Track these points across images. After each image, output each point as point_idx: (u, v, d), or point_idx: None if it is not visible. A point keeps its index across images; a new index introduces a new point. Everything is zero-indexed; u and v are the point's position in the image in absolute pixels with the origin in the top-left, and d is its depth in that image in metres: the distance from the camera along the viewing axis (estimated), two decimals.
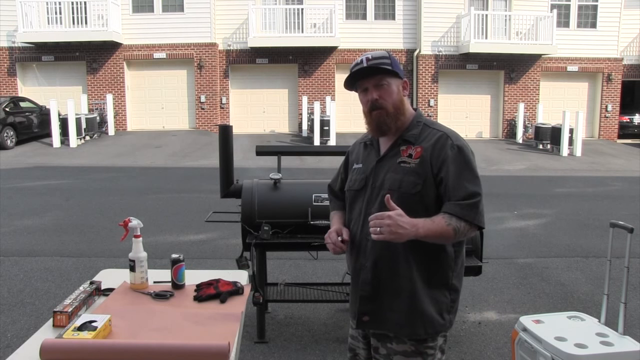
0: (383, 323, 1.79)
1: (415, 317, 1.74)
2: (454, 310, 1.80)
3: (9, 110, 13.85)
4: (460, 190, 1.67)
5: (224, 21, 16.68)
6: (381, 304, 1.78)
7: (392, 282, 1.75)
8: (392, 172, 1.75)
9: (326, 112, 15.40)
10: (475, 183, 1.69)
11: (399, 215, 1.58)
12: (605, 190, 10.12)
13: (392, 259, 1.74)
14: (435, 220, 1.64)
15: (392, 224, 1.56)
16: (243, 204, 3.34)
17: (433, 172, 1.70)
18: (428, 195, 1.70)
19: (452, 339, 3.58)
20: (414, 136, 1.77)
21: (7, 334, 3.56)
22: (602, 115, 17.93)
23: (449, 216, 1.65)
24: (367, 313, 1.81)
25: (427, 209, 1.69)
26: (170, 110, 17.02)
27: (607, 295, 2.89)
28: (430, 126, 1.79)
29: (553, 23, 16.23)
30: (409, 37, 17.11)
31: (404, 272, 1.74)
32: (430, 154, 1.71)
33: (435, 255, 1.74)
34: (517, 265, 5.26)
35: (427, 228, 1.61)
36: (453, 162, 1.69)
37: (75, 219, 6.95)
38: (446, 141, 1.72)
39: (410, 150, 1.75)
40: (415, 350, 1.76)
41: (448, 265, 1.76)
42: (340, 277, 4.45)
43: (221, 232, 6.12)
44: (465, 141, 1.76)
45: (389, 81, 1.75)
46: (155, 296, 2.13)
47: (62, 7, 15.78)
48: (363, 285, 1.80)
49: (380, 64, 1.73)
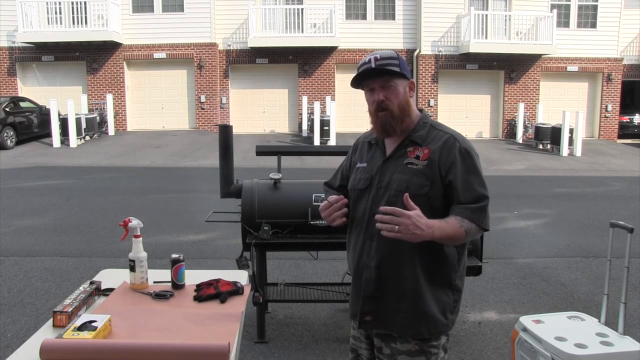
0: (386, 323, 1.78)
1: (419, 318, 1.74)
2: (456, 311, 1.81)
3: (9, 110, 13.85)
4: (470, 194, 1.70)
5: (224, 21, 16.68)
6: (385, 304, 1.77)
7: (396, 283, 1.75)
8: (399, 173, 1.75)
9: (326, 112, 15.40)
10: (483, 187, 1.72)
11: (418, 215, 1.58)
12: (605, 190, 10.12)
13: (397, 259, 1.74)
14: (449, 222, 1.65)
15: (410, 224, 1.56)
16: (243, 204, 3.34)
17: (441, 175, 1.71)
18: (435, 196, 1.71)
19: (452, 339, 3.56)
20: (421, 137, 1.76)
21: (7, 334, 3.56)
22: (602, 115, 17.93)
23: (461, 218, 1.67)
24: (370, 313, 1.80)
25: (433, 210, 1.69)
26: (170, 110, 17.02)
27: (607, 295, 2.89)
28: (436, 128, 1.79)
29: (553, 23, 16.23)
30: (409, 37, 17.11)
31: (408, 272, 1.73)
32: (438, 156, 1.72)
33: (439, 256, 1.74)
34: (517, 265, 5.26)
35: (442, 230, 1.62)
36: (462, 165, 1.71)
37: (75, 219, 6.95)
38: (454, 143, 1.73)
39: (418, 151, 1.75)
40: (419, 349, 1.76)
41: (452, 266, 1.77)
42: (340, 277, 4.45)
43: (221, 232, 6.12)
44: (471, 143, 1.77)
45: (396, 82, 1.74)
46: (155, 296, 2.13)
47: (62, 7, 15.78)
48: (366, 285, 1.79)
49: (388, 65, 1.72)
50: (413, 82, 1.80)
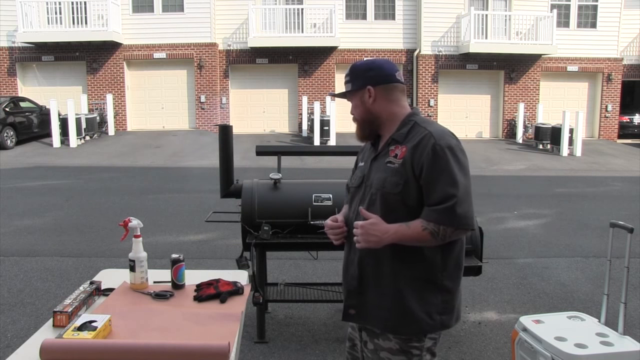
0: (368, 318, 1.82)
1: (399, 315, 1.75)
2: (447, 311, 1.78)
3: (9, 110, 13.85)
4: (437, 194, 1.66)
5: (224, 21, 16.68)
6: (366, 299, 1.82)
7: (376, 279, 1.79)
8: (380, 172, 1.78)
9: (326, 112, 15.41)
10: (453, 185, 1.65)
11: (371, 224, 1.68)
12: (605, 190, 10.12)
13: (375, 257, 1.77)
14: (411, 226, 1.67)
15: (363, 233, 1.68)
16: (243, 204, 3.34)
17: (415, 174, 1.69)
18: (410, 195, 1.70)
19: (452, 339, 3.58)
20: (402, 135, 1.78)
21: (7, 334, 3.56)
22: (602, 115, 17.93)
23: (426, 222, 1.66)
24: (354, 307, 1.85)
25: (409, 209, 1.70)
26: (170, 110, 17.02)
27: (607, 295, 2.89)
28: (420, 125, 1.77)
29: (553, 23, 16.23)
30: (409, 37, 17.11)
31: (387, 270, 1.76)
32: (412, 154, 1.71)
33: (416, 256, 1.73)
34: (517, 265, 5.26)
35: (401, 233, 1.68)
36: (431, 164, 1.67)
37: (75, 219, 6.95)
38: (428, 141, 1.69)
39: (397, 150, 1.76)
40: (400, 348, 1.76)
41: (434, 266, 1.74)
42: (340, 277, 4.44)
43: (221, 232, 6.12)
44: (452, 139, 1.72)
45: (351, 98, 1.88)
46: (155, 296, 2.14)
47: (62, 7, 15.78)
48: (351, 280, 1.86)
49: (345, 83, 1.90)
50: (369, 88, 1.81)
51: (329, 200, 3.29)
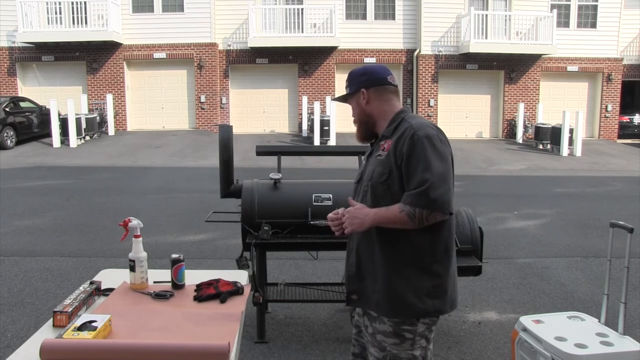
0: (367, 302, 1.94)
1: (391, 298, 1.86)
2: (438, 296, 1.86)
3: (9, 110, 13.84)
4: (412, 180, 1.78)
5: (224, 21, 16.68)
6: (364, 284, 1.94)
7: (369, 265, 1.92)
8: (371, 165, 1.94)
9: (326, 112, 15.41)
10: (427, 171, 1.75)
11: (355, 209, 1.86)
12: (605, 190, 10.12)
13: (368, 244, 1.91)
14: (390, 209, 1.80)
15: (349, 217, 1.85)
16: (243, 204, 3.34)
17: (397, 163, 1.82)
18: (394, 184, 1.83)
19: (452, 339, 3.58)
20: (390, 131, 1.92)
21: (7, 334, 3.56)
22: (602, 115, 17.93)
23: (403, 205, 1.78)
24: (356, 292, 1.98)
25: (394, 197, 1.83)
26: (170, 110, 17.02)
27: (607, 295, 2.89)
28: (407, 120, 1.90)
29: (553, 23, 16.22)
30: (409, 37, 17.11)
31: (377, 256, 1.89)
32: (395, 146, 1.84)
33: (403, 242, 1.84)
34: (517, 265, 5.26)
35: (380, 215, 1.81)
36: (409, 152, 1.79)
37: (75, 219, 6.95)
38: (409, 133, 1.82)
39: (386, 144, 1.90)
40: (392, 331, 1.86)
41: (423, 251, 1.85)
42: (340, 277, 4.45)
43: (221, 232, 6.12)
44: (431, 130, 1.82)
45: (350, 101, 2.03)
46: (155, 296, 2.14)
47: (62, 7, 15.77)
48: (350, 266, 2.00)
49: (346, 87, 2.04)
50: (363, 91, 1.97)
51: (329, 200, 3.29)
